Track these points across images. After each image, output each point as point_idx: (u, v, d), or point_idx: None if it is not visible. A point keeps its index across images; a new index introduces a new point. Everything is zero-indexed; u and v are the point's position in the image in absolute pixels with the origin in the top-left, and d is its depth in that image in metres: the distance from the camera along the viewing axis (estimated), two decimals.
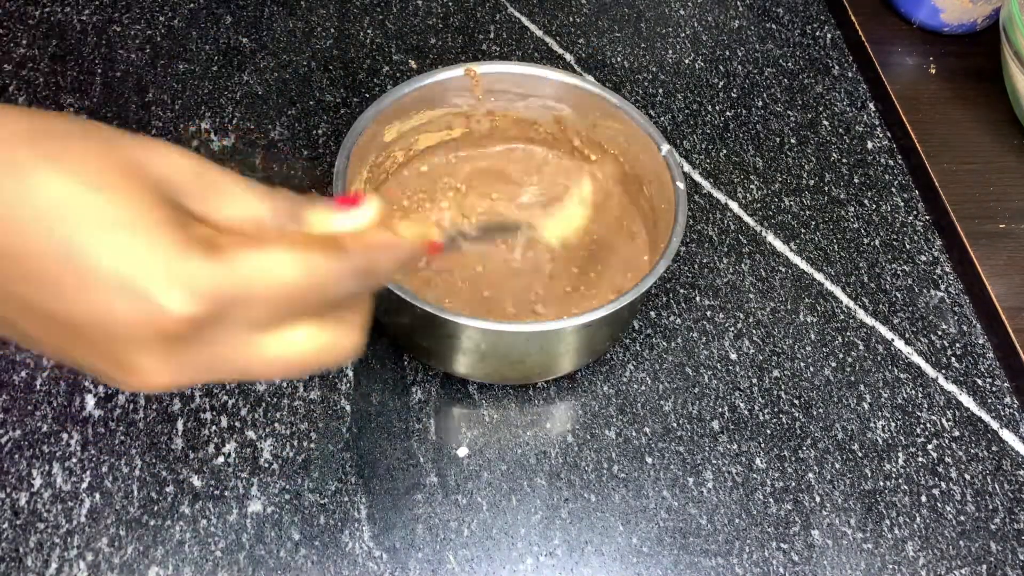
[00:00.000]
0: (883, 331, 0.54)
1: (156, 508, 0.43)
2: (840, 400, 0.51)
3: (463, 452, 0.46)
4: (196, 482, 0.44)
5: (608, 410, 0.49)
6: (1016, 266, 0.57)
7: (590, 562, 0.44)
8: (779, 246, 0.57)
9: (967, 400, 0.52)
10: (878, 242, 0.58)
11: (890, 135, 0.65)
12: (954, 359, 0.53)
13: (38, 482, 0.43)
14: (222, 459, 0.45)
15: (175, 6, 0.65)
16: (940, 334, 0.54)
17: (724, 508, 0.46)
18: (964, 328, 0.55)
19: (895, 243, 0.59)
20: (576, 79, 0.50)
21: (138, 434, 0.45)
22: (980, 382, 0.52)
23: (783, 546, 0.45)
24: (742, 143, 0.63)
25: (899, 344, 0.54)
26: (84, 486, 0.43)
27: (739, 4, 0.73)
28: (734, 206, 0.59)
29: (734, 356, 0.52)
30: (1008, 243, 0.58)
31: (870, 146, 0.64)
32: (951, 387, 0.52)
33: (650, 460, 0.47)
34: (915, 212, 0.61)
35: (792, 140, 0.63)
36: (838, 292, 0.56)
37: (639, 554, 0.44)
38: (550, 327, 0.41)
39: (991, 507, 0.48)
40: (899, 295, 0.56)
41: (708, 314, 0.53)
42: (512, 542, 0.44)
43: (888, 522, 0.47)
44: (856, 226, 0.59)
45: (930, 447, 0.49)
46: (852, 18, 0.71)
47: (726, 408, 0.50)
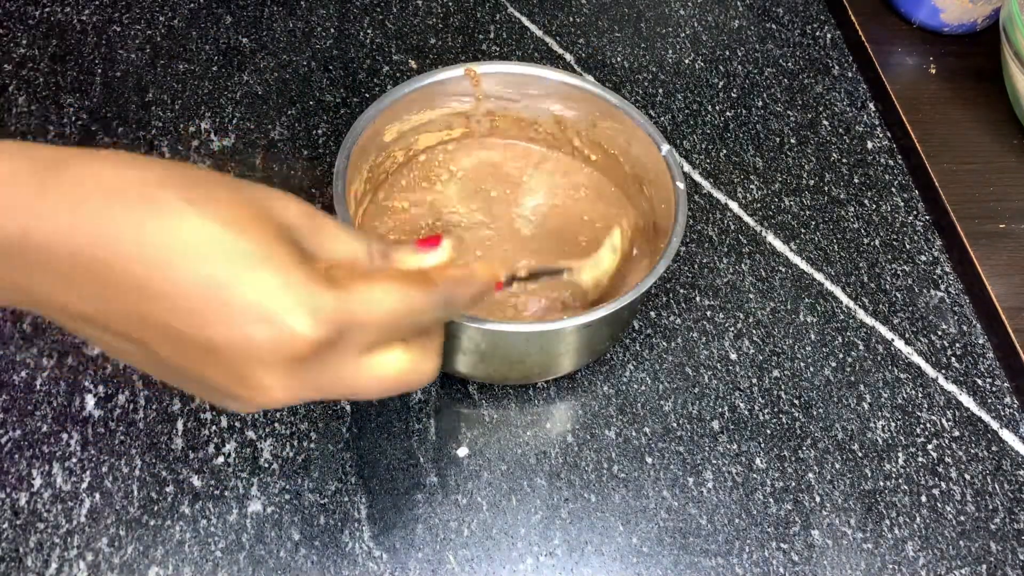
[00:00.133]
0: (883, 331, 0.54)
1: (156, 508, 0.43)
2: (840, 400, 0.51)
3: (463, 452, 0.46)
4: (196, 482, 0.44)
5: (608, 410, 0.49)
6: (1016, 266, 0.57)
7: (590, 562, 0.44)
8: (779, 246, 0.57)
9: (967, 400, 0.52)
10: (878, 242, 0.58)
11: (890, 135, 0.65)
12: (954, 359, 0.53)
13: (38, 482, 0.43)
14: (222, 459, 0.45)
15: (175, 6, 0.65)
16: (940, 334, 0.54)
17: (724, 508, 0.46)
18: (964, 328, 0.55)
19: (895, 243, 0.59)
20: (576, 79, 0.50)
21: (138, 434, 0.45)
22: (980, 382, 0.52)
23: (783, 546, 0.45)
24: (742, 143, 0.63)
25: (899, 344, 0.54)
26: (84, 486, 0.43)
27: (739, 4, 0.73)
28: (734, 206, 0.59)
29: (734, 356, 0.52)
30: (1008, 243, 0.58)
31: (870, 146, 0.64)
32: (951, 387, 0.52)
33: (650, 460, 0.47)
34: (915, 212, 0.61)
35: (792, 140, 0.63)
36: (838, 292, 0.56)
37: (639, 554, 0.44)
38: (550, 327, 0.41)
39: (991, 507, 0.48)
40: (899, 295, 0.56)
41: (708, 314, 0.53)
42: (512, 542, 0.44)
43: (888, 522, 0.47)
44: (856, 226, 0.59)
45: (930, 447, 0.49)
46: (852, 18, 0.71)
47: (726, 408, 0.50)
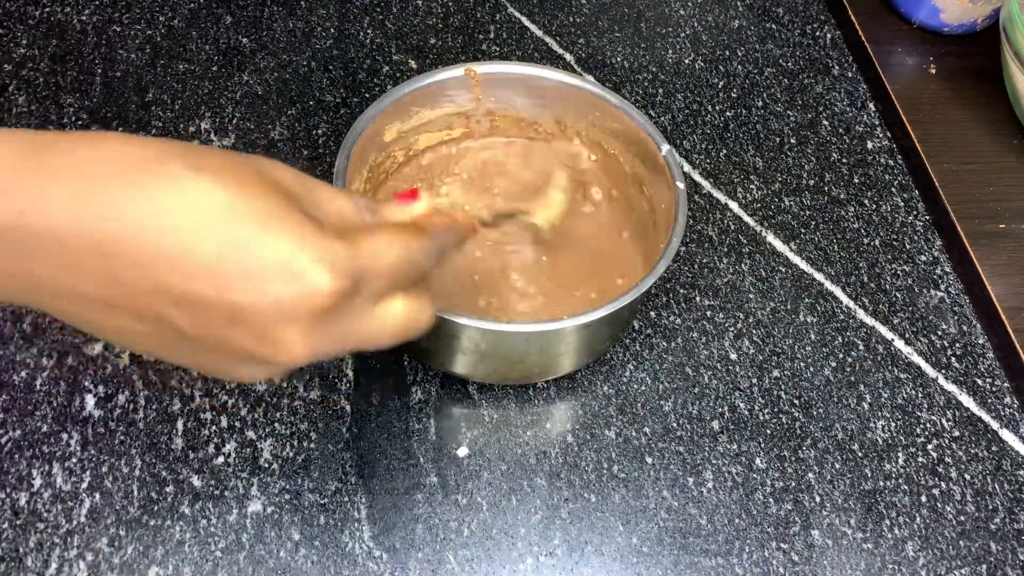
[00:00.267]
0: (883, 331, 0.54)
1: (156, 508, 0.43)
2: (840, 400, 0.51)
3: (463, 452, 0.46)
4: (196, 482, 0.44)
5: (608, 410, 0.49)
6: (1016, 266, 0.57)
7: (590, 562, 0.44)
8: (779, 246, 0.57)
9: (967, 400, 0.52)
10: (878, 242, 0.58)
11: (890, 135, 0.65)
12: (954, 359, 0.53)
13: (38, 482, 0.43)
14: (222, 459, 0.45)
15: (175, 6, 0.65)
16: (940, 334, 0.54)
17: (724, 508, 0.46)
18: (964, 328, 0.55)
19: (895, 243, 0.59)
20: (576, 79, 0.50)
21: (138, 434, 0.45)
22: (980, 382, 0.52)
23: (783, 546, 0.45)
24: (742, 143, 0.63)
25: (899, 344, 0.54)
26: (84, 486, 0.43)
27: (739, 4, 0.73)
28: (734, 206, 0.59)
29: (734, 356, 0.52)
30: (1008, 243, 0.58)
31: (870, 146, 0.64)
32: (951, 387, 0.52)
33: (650, 460, 0.47)
34: (915, 212, 0.61)
35: (792, 140, 0.63)
36: (838, 292, 0.56)
37: (639, 554, 0.44)
38: (550, 327, 0.41)
39: (991, 507, 0.48)
40: (899, 295, 0.56)
41: (708, 314, 0.53)
42: (512, 542, 0.44)
43: (888, 522, 0.47)
44: (856, 226, 0.59)
45: (930, 447, 0.49)
46: (852, 18, 0.71)
47: (726, 408, 0.50)
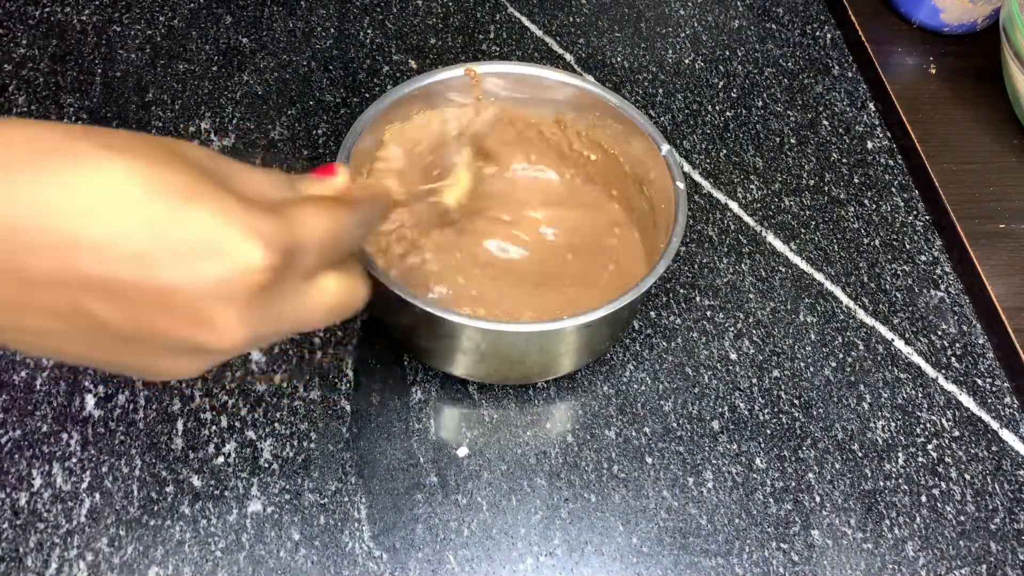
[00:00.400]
0: (883, 331, 0.54)
1: (156, 508, 0.43)
2: (840, 400, 0.51)
3: (463, 452, 0.46)
4: (196, 482, 0.44)
5: (608, 410, 0.49)
6: (1016, 266, 0.57)
7: (590, 562, 0.44)
8: (779, 246, 0.57)
9: (967, 400, 0.52)
10: (878, 242, 0.58)
11: (890, 135, 0.65)
12: (954, 359, 0.53)
13: (38, 482, 0.43)
14: (222, 459, 0.45)
15: (175, 6, 0.65)
16: (940, 334, 0.54)
17: (724, 508, 0.46)
18: (964, 328, 0.55)
19: (895, 243, 0.59)
20: (576, 79, 0.50)
21: (138, 434, 0.45)
22: (980, 382, 0.52)
23: (783, 546, 0.45)
24: (742, 143, 0.63)
25: (899, 344, 0.54)
26: (84, 486, 0.43)
27: (739, 4, 0.73)
28: (734, 206, 0.59)
29: (734, 356, 0.52)
30: (1008, 243, 0.58)
31: (870, 146, 0.64)
32: (951, 387, 0.52)
33: (650, 460, 0.47)
34: (915, 212, 0.61)
35: (792, 140, 0.63)
36: (838, 292, 0.56)
37: (639, 554, 0.44)
38: (550, 327, 0.41)
39: (991, 507, 0.48)
40: (899, 295, 0.56)
41: (708, 314, 0.53)
42: (512, 542, 0.44)
43: (888, 522, 0.47)
44: (856, 226, 0.59)
45: (930, 447, 0.49)
46: (852, 18, 0.71)
47: (726, 408, 0.50)
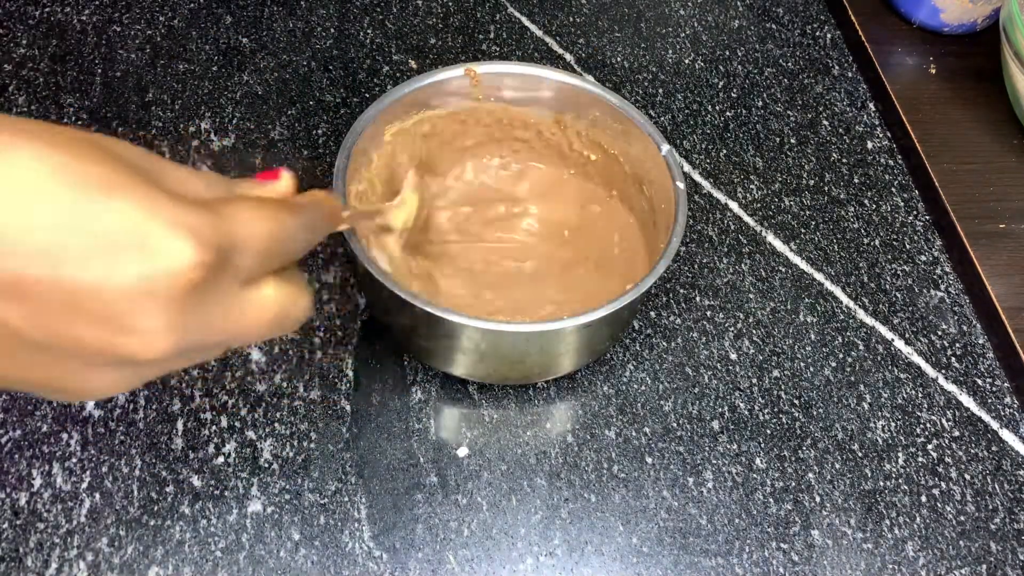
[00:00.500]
0: (883, 331, 0.54)
1: (156, 508, 0.43)
2: (840, 400, 0.51)
3: (463, 452, 0.46)
4: (196, 482, 0.44)
5: (608, 410, 0.49)
6: (1016, 266, 0.57)
7: (590, 562, 0.44)
8: (779, 246, 0.57)
9: (967, 400, 0.52)
10: (878, 242, 0.58)
11: (890, 135, 0.65)
12: (954, 359, 0.53)
13: (38, 482, 0.43)
14: (222, 459, 0.45)
15: (175, 6, 0.65)
16: (940, 334, 0.54)
17: (724, 508, 0.46)
18: (964, 328, 0.55)
19: (895, 243, 0.59)
20: (576, 79, 0.50)
21: (138, 434, 0.45)
22: (980, 382, 0.52)
23: (783, 546, 0.45)
24: (742, 143, 0.63)
25: (899, 344, 0.54)
26: (84, 486, 0.43)
27: (739, 4, 0.73)
28: (734, 206, 0.59)
29: (734, 356, 0.52)
30: (1008, 243, 0.58)
31: (870, 146, 0.64)
32: (951, 387, 0.52)
33: (650, 460, 0.47)
34: (915, 212, 0.61)
35: (792, 140, 0.63)
36: (838, 292, 0.56)
37: (639, 554, 0.44)
38: (550, 327, 0.41)
39: (991, 507, 0.48)
40: (899, 295, 0.56)
41: (708, 314, 0.53)
42: (512, 542, 0.44)
43: (888, 522, 0.47)
44: (856, 226, 0.59)
45: (930, 447, 0.49)
46: (852, 18, 0.71)
47: (726, 408, 0.50)
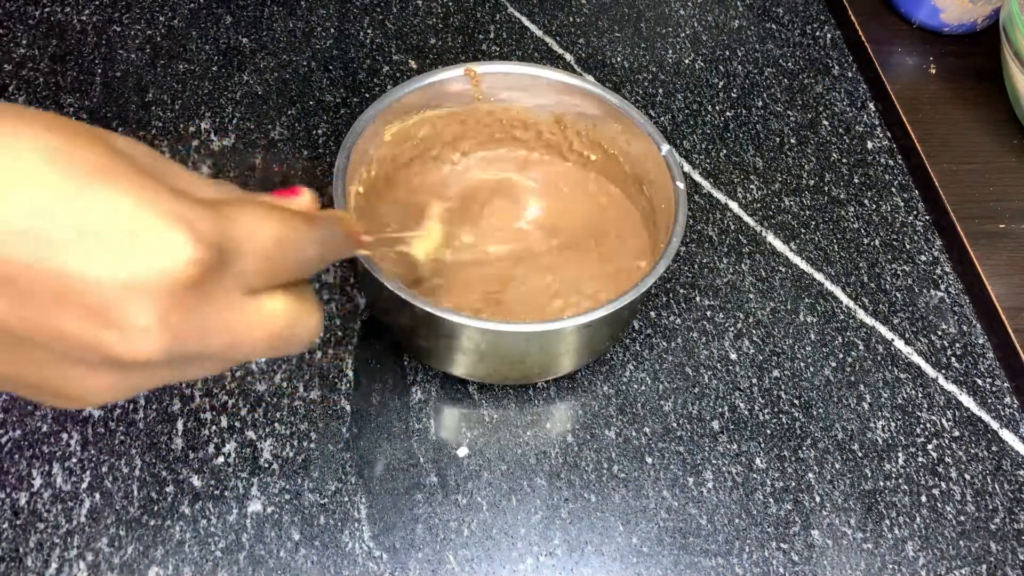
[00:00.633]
0: (883, 331, 0.54)
1: (156, 508, 0.43)
2: (840, 400, 0.51)
3: (463, 452, 0.46)
4: (196, 482, 0.44)
5: (608, 410, 0.49)
6: (1016, 266, 0.57)
7: (590, 562, 0.44)
8: (779, 246, 0.57)
9: (967, 400, 0.52)
10: (878, 242, 0.58)
11: (890, 135, 0.65)
12: (954, 359, 0.53)
13: (38, 482, 0.43)
14: (222, 459, 0.45)
15: (175, 6, 0.65)
16: (940, 334, 0.54)
17: (724, 508, 0.46)
18: (964, 328, 0.55)
19: (895, 243, 0.59)
20: (576, 79, 0.50)
21: (138, 434, 0.45)
22: (980, 382, 0.52)
23: (783, 546, 0.45)
24: (742, 143, 0.63)
25: (899, 344, 0.54)
26: (84, 486, 0.43)
27: (739, 4, 0.73)
28: (734, 206, 0.59)
29: (734, 356, 0.52)
30: (1008, 243, 0.58)
31: (870, 146, 0.64)
32: (951, 387, 0.52)
33: (650, 460, 0.47)
34: (915, 212, 0.61)
35: (792, 140, 0.63)
36: (838, 292, 0.56)
37: (639, 554, 0.44)
38: (550, 327, 0.41)
39: (991, 507, 0.48)
40: (899, 295, 0.56)
41: (708, 314, 0.53)
42: (512, 542, 0.44)
43: (888, 522, 0.47)
44: (856, 226, 0.59)
45: (930, 447, 0.49)
46: (852, 18, 0.71)
47: (726, 408, 0.50)
